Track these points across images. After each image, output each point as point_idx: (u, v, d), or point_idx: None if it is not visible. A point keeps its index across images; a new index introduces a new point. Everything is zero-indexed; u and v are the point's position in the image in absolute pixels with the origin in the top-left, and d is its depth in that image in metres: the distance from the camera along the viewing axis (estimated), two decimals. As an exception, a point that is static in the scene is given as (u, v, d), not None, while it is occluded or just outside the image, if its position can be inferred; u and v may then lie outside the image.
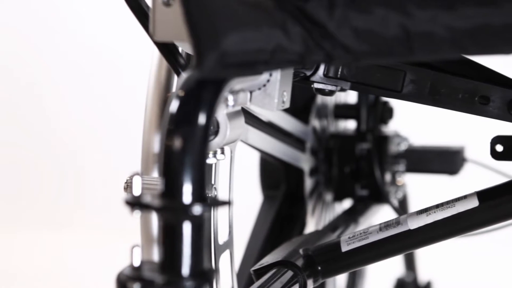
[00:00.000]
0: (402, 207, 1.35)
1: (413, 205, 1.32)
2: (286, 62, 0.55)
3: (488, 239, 1.20)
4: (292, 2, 0.54)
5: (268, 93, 0.64)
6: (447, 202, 0.75)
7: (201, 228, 0.51)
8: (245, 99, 0.63)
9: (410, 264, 1.50)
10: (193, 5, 0.51)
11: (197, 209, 0.50)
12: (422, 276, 1.52)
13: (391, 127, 1.22)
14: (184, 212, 0.50)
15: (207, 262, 0.51)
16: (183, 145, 0.50)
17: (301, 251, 0.79)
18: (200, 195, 0.51)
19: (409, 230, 0.75)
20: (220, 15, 0.51)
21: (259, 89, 0.64)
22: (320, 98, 1.10)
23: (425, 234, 0.75)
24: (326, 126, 1.14)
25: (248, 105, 0.64)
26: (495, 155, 0.81)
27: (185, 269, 0.50)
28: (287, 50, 0.54)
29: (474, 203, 0.73)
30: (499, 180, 0.77)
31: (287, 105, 0.67)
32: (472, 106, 0.72)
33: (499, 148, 0.80)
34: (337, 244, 0.79)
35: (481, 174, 1.15)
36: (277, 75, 0.64)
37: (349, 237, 0.78)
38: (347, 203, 1.17)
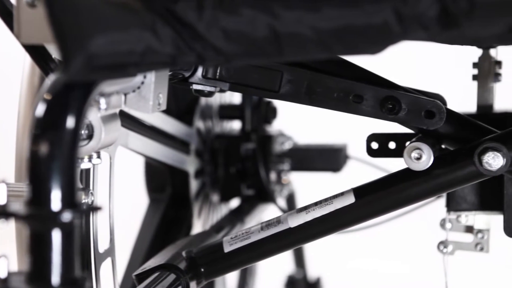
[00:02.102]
0: (290, 205, 1.37)
1: (304, 203, 1.34)
2: (157, 64, 0.55)
3: (370, 234, 1.23)
4: (161, 3, 0.53)
5: (143, 96, 0.63)
6: (325, 200, 0.77)
7: (71, 236, 0.49)
8: (119, 102, 0.62)
9: (299, 261, 1.53)
10: (58, 6, 0.50)
11: (66, 216, 0.49)
12: (312, 272, 1.54)
13: (275, 127, 1.23)
14: (53, 219, 0.49)
15: (79, 270, 0.50)
16: (49, 150, 0.49)
17: (184, 253, 0.79)
18: (70, 201, 0.50)
19: (290, 228, 0.76)
20: (86, 17, 0.50)
21: (134, 91, 0.63)
22: (204, 99, 1.10)
23: (305, 232, 0.77)
24: (211, 127, 1.14)
25: (122, 107, 0.63)
26: (371, 152, 0.83)
27: (55, 278, 0.49)
28: (157, 51, 0.54)
29: (350, 199, 0.75)
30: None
31: (163, 107, 0.66)
32: (347, 105, 0.73)
33: (375, 145, 0.83)
34: (220, 245, 0.79)
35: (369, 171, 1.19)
36: (151, 77, 0.63)
37: (231, 238, 0.79)
38: (236, 203, 1.17)
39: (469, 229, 0.88)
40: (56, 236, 0.49)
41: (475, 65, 0.87)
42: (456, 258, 0.87)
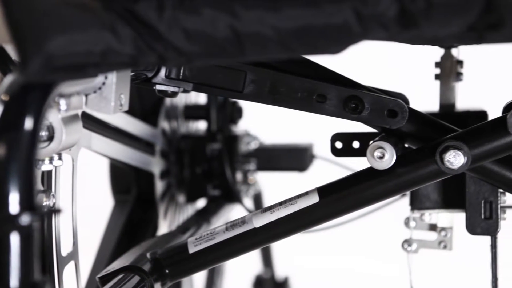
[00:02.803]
0: (257, 205, 1.37)
1: (271, 203, 1.34)
2: (117, 65, 0.54)
3: (339, 232, 1.24)
4: (120, 3, 0.53)
5: (104, 96, 0.63)
6: (290, 199, 0.77)
7: (30, 239, 0.49)
8: (79, 103, 0.62)
9: (267, 261, 1.53)
10: (15, 6, 0.49)
11: (25, 219, 0.48)
12: (279, 272, 1.55)
13: (242, 127, 1.23)
14: (11, 222, 0.48)
15: (38, 274, 0.49)
16: (7, 152, 0.48)
17: (148, 255, 0.78)
18: (28, 204, 0.49)
19: (254, 229, 0.76)
20: (44, 17, 0.50)
21: (95, 92, 0.62)
22: (169, 100, 1.09)
23: (269, 232, 0.77)
24: (177, 128, 1.13)
25: (83, 109, 0.63)
26: (335, 152, 0.83)
27: (14, 282, 0.48)
28: (117, 52, 0.53)
29: (315, 199, 0.75)
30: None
31: (125, 108, 0.66)
32: (310, 105, 0.73)
33: (339, 145, 0.83)
34: (184, 246, 0.78)
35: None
36: (112, 77, 0.63)
37: (196, 239, 0.78)
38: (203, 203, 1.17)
39: (433, 227, 0.89)
40: (15, 239, 0.48)
41: (437, 64, 0.88)
42: (421, 255, 0.88)
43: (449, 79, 0.87)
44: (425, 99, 0.94)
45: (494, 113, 0.77)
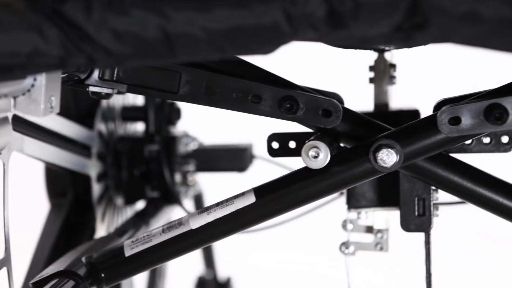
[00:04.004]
0: (198, 206, 1.37)
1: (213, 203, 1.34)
2: (45, 66, 0.53)
3: (281, 231, 1.24)
4: (47, 4, 0.52)
5: (33, 99, 0.61)
6: (227, 200, 0.77)
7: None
8: (7, 106, 0.60)
9: (209, 262, 1.53)
10: None
11: None
12: (222, 272, 1.55)
13: (181, 128, 1.22)
14: None
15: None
16: None
17: (83, 259, 0.77)
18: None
19: (191, 230, 0.76)
20: (-33, 18, 0.48)
21: (24, 94, 0.61)
22: (106, 101, 1.08)
23: (207, 233, 0.76)
24: (114, 129, 1.12)
25: (12, 111, 0.61)
26: (272, 152, 0.83)
27: None
28: (45, 53, 0.52)
29: (251, 199, 0.75)
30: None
31: (56, 110, 0.64)
32: (246, 105, 0.73)
33: (275, 145, 0.83)
34: (120, 249, 0.77)
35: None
36: (42, 79, 0.61)
37: (132, 241, 0.77)
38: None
39: (369, 229, 0.90)
40: None
41: (371, 68, 0.89)
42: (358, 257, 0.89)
43: (383, 82, 0.88)
44: (362, 99, 0.95)
45: (427, 112, 0.79)
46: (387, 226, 0.89)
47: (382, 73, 0.88)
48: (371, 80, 0.88)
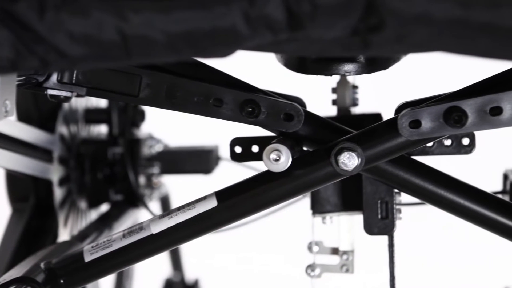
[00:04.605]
0: (164, 208, 1.36)
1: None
2: (-5, 69, 0.52)
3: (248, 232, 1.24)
4: (-3, 4, 0.50)
5: (-14, 102, 0.60)
6: (188, 204, 0.76)
7: None
8: (-41, 110, 0.59)
9: (176, 264, 1.52)
10: None
11: None
12: (189, 274, 1.54)
13: (146, 129, 1.21)
14: None
15: None
16: None
17: (42, 265, 0.76)
18: None
19: (152, 235, 0.75)
20: None
21: (-24, 98, 0.60)
22: (68, 104, 1.07)
23: (168, 238, 0.75)
24: (77, 132, 1.10)
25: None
26: (235, 156, 0.83)
27: None
28: (-5, 56, 0.51)
29: (213, 203, 0.75)
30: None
31: (11, 114, 0.63)
32: (207, 109, 0.73)
33: (238, 149, 0.83)
34: (80, 255, 0.76)
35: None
36: (-5, 82, 0.60)
37: (92, 247, 0.76)
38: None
39: (335, 251, 0.90)
40: None
41: (333, 90, 0.88)
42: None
43: (345, 104, 0.88)
44: (327, 103, 0.95)
45: (391, 115, 0.78)
46: (353, 247, 0.89)
47: (345, 96, 0.87)
48: (334, 102, 0.88)
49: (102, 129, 1.19)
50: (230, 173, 1.22)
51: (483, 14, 0.47)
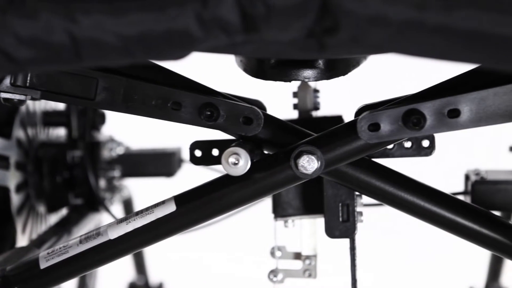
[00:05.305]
0: (127, 212, 1.34)
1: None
2: None
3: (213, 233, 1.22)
4: None
5: None
6: (147, 209, 0.74)
7: None
8: None
9: (140, 268, 1.50)
10: None
11: None
12: (153, 278, 1.52)
13: (108, 132, 1.20)
14: None
15: None
16: None
17: (-4, 272, 0.74)
18: None
19: (110, 240, 0.74)
20: None
21: None
22: (25, 107, 1.04)
23: (126, 243, 0.74)
24: (35, 136, 1.08)
25: None
26: (194, 160, 0.82)
27: None
28: None
29: (171, 207, 0.73)
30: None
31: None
32: (165, 112, 0.71)
33: (198, 153, 0.82)
34: (36, 261, 0.74)
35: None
36: None
37: (48, 253, 0.75)
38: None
39: (298, 255, 0.89)
40: None
41: (294, 94, 0.87)
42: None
43: (307, 108, 0.87)
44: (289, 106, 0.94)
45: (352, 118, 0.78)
46: (316, 252, 0.89)
47: (306, 100, 0.87)
48: (295, 107, 0.87)
49: (61, 132, 1.16)
50: (194, 176, 1.21)
51: (437, 16, 0.47)
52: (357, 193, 0.80)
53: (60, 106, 1.16)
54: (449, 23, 0.47)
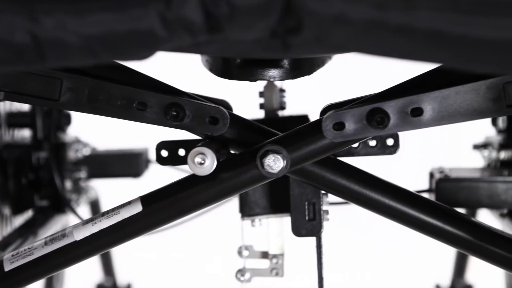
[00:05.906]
0: (95, 212, 1.33)
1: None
2: None
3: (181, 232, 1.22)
4: None
5: None
6: (113, 209, 0.74)
7: None
8: None
9: (108, 269, 1.49)
10: None
11: None
12: (121, 279, 1.52)
13: (73, 133, 1.19)
14: None
15: None
16: None
17: (-41, 276, 0.73)
18: None
19: (75, 242, 0.73)
20: None
21: None
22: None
23: (92, 244, 0.74)
24: (0, 137, 1.07)
25: None
26: (161, 160, 0.82)
27: None
28: None
29: (138, 208, 0.73)
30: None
31: None
32: (131, 113, 0.71)
33: (164, 153, 0.82)
34: (0, 264, 0.74)
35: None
36: None
37: (12, 255, 0.74)
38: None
39: (265, 254, 0.90)
40: None
41: (261, 94, 0.88)
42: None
43: (273, 108, 0.87)
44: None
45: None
46: (283, 251, 0.89)
47: (272, 99, 0.87)
48: (261, 106, 0.88)
49: (26, 133, 1.15)
50: (161, 176, 1.21)
51: (399, 16, 0.48)
52: (323, 191, 0.80)
53: (25, 107, 1.15)
54: (411, 23, 0.48)
